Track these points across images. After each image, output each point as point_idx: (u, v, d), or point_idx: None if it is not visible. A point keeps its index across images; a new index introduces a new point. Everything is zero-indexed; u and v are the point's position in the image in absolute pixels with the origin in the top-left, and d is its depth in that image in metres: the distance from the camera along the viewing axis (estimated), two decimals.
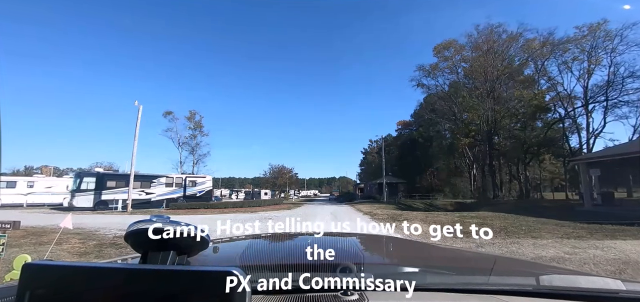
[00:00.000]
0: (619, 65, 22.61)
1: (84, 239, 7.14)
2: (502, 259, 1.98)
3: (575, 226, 8.67)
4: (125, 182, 19.45)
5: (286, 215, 17.02)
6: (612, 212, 11.98)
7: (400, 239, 1.94)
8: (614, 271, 4.32)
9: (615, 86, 22.99)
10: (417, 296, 0.78)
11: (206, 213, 17.11)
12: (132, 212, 17.41)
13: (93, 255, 5.55)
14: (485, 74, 28.74)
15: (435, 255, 1.56)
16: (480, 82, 29.39)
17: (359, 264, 0.93)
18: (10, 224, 4.05)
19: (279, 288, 0.79)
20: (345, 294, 0.73)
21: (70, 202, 19.05)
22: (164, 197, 22.40)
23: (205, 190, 26.06)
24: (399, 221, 11.36)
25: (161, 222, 0.56)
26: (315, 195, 76.99)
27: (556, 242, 6.42)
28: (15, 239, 6.57)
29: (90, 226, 9.56)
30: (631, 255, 5.15)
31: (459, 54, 31.48)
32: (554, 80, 26.99)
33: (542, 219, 10.76)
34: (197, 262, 0.84)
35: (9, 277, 3.02)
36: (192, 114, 39.91)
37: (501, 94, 29.13)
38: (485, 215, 13.07)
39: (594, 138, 24.46)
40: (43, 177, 29.49)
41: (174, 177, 24.42)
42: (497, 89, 29.05)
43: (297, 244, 1.63)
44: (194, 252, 0.63)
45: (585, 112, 24.85)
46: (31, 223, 9.56)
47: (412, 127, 44.05)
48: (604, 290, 0.81)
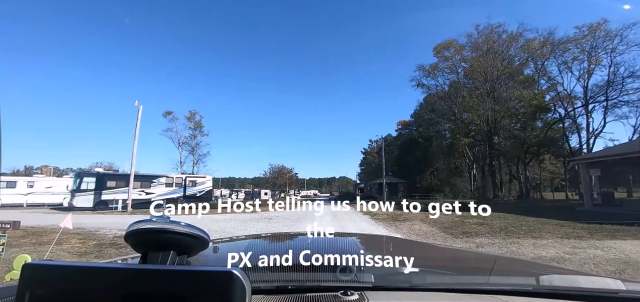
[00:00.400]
0: (619, 65, 22.68)
1: (84, 239, 7.14)
2: (502, 259, 1.98)
3: (575, 226, 8.68)
4: (125, 182, 19.46)
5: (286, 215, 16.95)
6: (612, 212, 11.97)
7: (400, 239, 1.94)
8: (614, 271, 4.32)
9: (615, 86, 23.04)
10: (417, 296, 0.78)
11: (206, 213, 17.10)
12: (132, 212, 17.41)
13: (93, 255, 5.55)
14: (485, 74, 28.75)
15: (435, 255, 1.56)
16: (480, 82, 29.40)
17: (359, 264, 0.93)
18: (10, 224, 4.05)
19: (279, 288, 0.79)
20: (345, 294, 0.73)
21: (70, 202, 19.05)
22: (164, 197, 22.41)
23: (205, 190, 26.07)
24: (399, 221, 11.37)
25: (161, 222, 0.56)
26: (315, 195, 77.01)
27: (556, 242, 6.42)
28: (15, 239, 6.57)
29: (90, 226, 9.57)
30: (631, 255, 5.15)
31: (459, 54, 31.52)
32: (554, 80, 27.05)
33: (542, 219, 10.76)
34: (197, 262, 0.84)
35: (9, 277, 3.02)
36: (192, 114, 39.96)
37: (501, 94, 29.14)
38: (485, 215, 13.06)
39: (594, 138, 24.52)
40: (43, 177, 29.49)
41: (174, 177, 24.43)
42: (497, 89, 29.07)
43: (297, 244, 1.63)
44: (194, 252, 0.63)
45: (585, 112, 24.89)
46: (31, 223, 9.57)
47: (412, 127, 44.07)
48: (604, 290, 0.81)
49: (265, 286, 0.79)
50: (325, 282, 0.82)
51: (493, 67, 28.61)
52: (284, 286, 0.80)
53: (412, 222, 10.81)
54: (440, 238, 7.73)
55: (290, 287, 0.79)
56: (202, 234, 0.60)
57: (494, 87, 28.90)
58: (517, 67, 29.47)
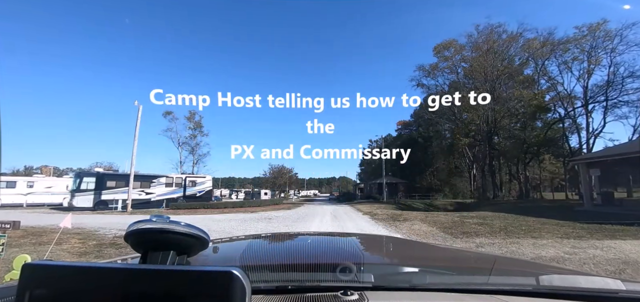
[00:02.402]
0: (618, 65, 22.70)
1: (83, 239, 7.14)
2: (502, 259, 1.98)
3: (575, 226, 8.68)
4: (125, 182, 19.45)
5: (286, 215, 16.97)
6: (612, 212, 11.98)
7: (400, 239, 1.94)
8: (614, 271, 4.32)
9: (615, 86, 23.06)
10: (417, 296, 0.78)
11: (206, 213, 17.12)
12: (132, 212, 17.41)
13: (93, 255, 5.55)
14: (485, 74, 28.75)
15: (435, 255, 1.56)
16: (480, 82, 29.40)
17: (359, 264, 0.93)
18: (10, 224, 4.05)
19: (279, 288, 0.79)
20: (345, 294, 0.73)
21: (70, 202, 19.04)
22: (164, 197, 22.40)
23: (205, 190, 26.06)
24: (399, 221, 11.37)
25: (161, 222, 0.56)
26: (315, 195, 77.00)
27: (556, 242, 6.42)
28: (15, 239, 6.57)
29: (90, 226, 9.56)
30: (631, 255, 5.15)
31: (459, 54, 31.49)
32: (554, 80, 27.06)
33: (542, 219, 10.77)
34: (197, 262, 0.84)
35: (9, 277, 3.02)
36: (192, 114, 39.86)
37: (501, 94, 29.14)
38: (485, 215, 13.07)
39: (594, 138, 24.53)
40: (43, 177, 29.48)
41: (174, 177, 24.41)
42: (497, 89, 29.08)
43: (297, 244, 1.64)
44: (194, 252, 0.63)
45: (585, 112, 24.90)
46: (31, 223, 9.57)
47: (412, 127, 44.05)
48: (603, 290, 0.81)
49: (265, 286, 0.79)
50: (325, 282, 0.82)
51: (493, 67, 28.62)
52: (284, 286, 0.80)
53: (412, 222, 10.80)
54: (440, 238, 7.73)
55: (290, 287, 0.79)
56: (202, 234, 0.60)
57: (494, 87, 28.90)
58: (517, 67, 29.47)
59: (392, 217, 13.14)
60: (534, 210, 14.72)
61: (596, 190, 16.71)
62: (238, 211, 18.70)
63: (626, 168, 18.13)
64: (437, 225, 9.67)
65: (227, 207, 21.69)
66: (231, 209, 19.88)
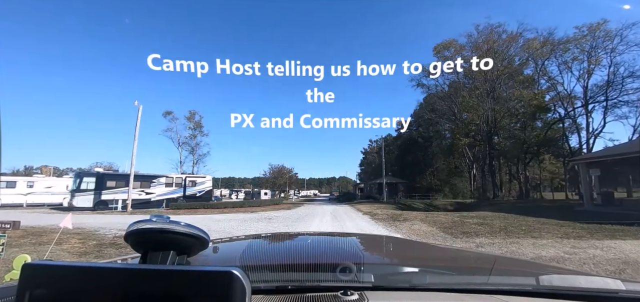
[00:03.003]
0: (618, 65, 22.69)
1: (83, 239, 7.14)
2: (502, 259, 1.98)
3: (575, 226, 8.68)
4: (125, 182, 19.45)
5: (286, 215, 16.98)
6: (612, 212, 11.98)
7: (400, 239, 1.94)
8: (614, 271, 4.32)
9: (615, 86, 23.05)
10: (417, 296, 0.78)
11: (206, 213, 17.12)
12: (132, 212, 17.42)
13: (93, 255, 5.55)
14: (485, 74, 28.74)
15: (435, 255, 1.56)
16: (480, 82, 29.41)
17: (359, 264, 0.93)
18: (10, 224, 4.05)
19: (279, 288, 0.79)
20: (345, 294, 0.73)
21: (70, 202, 19.04)
22: (163, 197, 22.41)
23: (205, 190, 26.06)
24: (399, 221, 11.37)
25: (161, 222, 0.56)
26: (315, 195, 76.99)
27: (556, 242, 6.42)
28: (15, 239, 6.57)
29: (90, 226, 9.56)
30: (631, 255, 5.15)
31: (459, 54, 31.46)
32: (554, 80, 27.06)
33: (542, 219, 10.77)
34: (197, 262, 0.84)
35: (9, 277, 3.02)
36: (192, 114, 39.86)
37: (501, 94, 29.16)
38: (485, 215, 13.07)
39: (593, 138, 24.53)
40: (43, 177, 29.47)
41: (174, 177, 24.41)
42: (497, 89, 29.08)
43: (297, 244, 1.64)
44: (194, 252, 0.63)
45: (585, 112, 24.89)
46: (31, 223, 9.57)
47: (412, 127, 44.06)
48: (603, 290, 0.81)
49: (265, 286, 0.79)
50: (325, 282, 0.82)
51: (493, 67, 28.61)
52: (284, 286, 0.80)
53: (412, 222, 10.81)
54: (440, 238, 7.73)
55: (290, 287, 0.79)
56: (202, 234, 0.60)
57: (494, 87, 28.91)
58: (517, 67, 29.47)
59: (392, 217, 13.14)
60: (533, 210, 14.72)
61: (596, 190, 16.71)
62: (238, 211, 18.70)
63: (626, 168, 18.13)
64: (437, 225, 9.67)
65: (227, 207, 21.68)
66: (231, 209, 19.88)
